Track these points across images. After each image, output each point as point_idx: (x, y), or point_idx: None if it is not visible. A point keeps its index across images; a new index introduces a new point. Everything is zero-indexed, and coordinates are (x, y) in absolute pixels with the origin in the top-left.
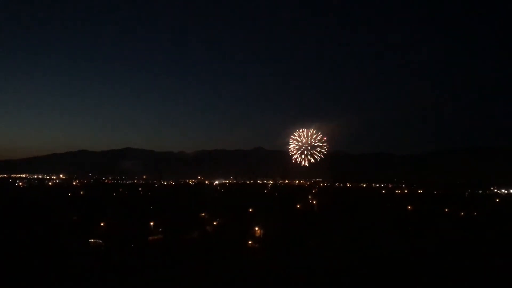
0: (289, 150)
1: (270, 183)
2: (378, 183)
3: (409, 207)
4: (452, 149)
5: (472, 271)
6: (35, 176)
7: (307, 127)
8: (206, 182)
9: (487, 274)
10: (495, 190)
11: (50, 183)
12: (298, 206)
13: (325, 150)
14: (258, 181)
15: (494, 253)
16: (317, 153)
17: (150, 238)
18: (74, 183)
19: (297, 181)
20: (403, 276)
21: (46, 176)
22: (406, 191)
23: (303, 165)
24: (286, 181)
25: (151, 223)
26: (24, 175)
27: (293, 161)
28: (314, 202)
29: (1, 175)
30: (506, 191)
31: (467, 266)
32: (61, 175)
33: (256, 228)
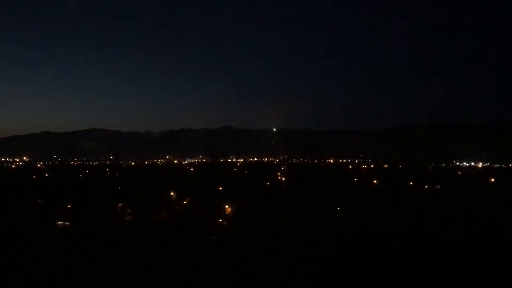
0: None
1: (240, 161)
2: (344, 159)
3: (375, 181)
4: (415, 124)
5: (438, 239)
6: None
7: (274, 105)
8: (175, 162)
9: (450, 241)
10: (457, 163)
11: (13, 166)
12: (268, 183)
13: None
14: (228, 160)
15: (454, 220)
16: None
17: (117, 218)
18: (38, 166)
19: (266, 159)
20: (371, 250)
21: (9, 159)
22: (372, 166)
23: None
24: (256, 159)
25: (120, 204)
26: None
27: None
28: (283, 178)
29: None
30: (467, 164)
31: (433, 236)
32: (24, 158)
33: (226, 206)
